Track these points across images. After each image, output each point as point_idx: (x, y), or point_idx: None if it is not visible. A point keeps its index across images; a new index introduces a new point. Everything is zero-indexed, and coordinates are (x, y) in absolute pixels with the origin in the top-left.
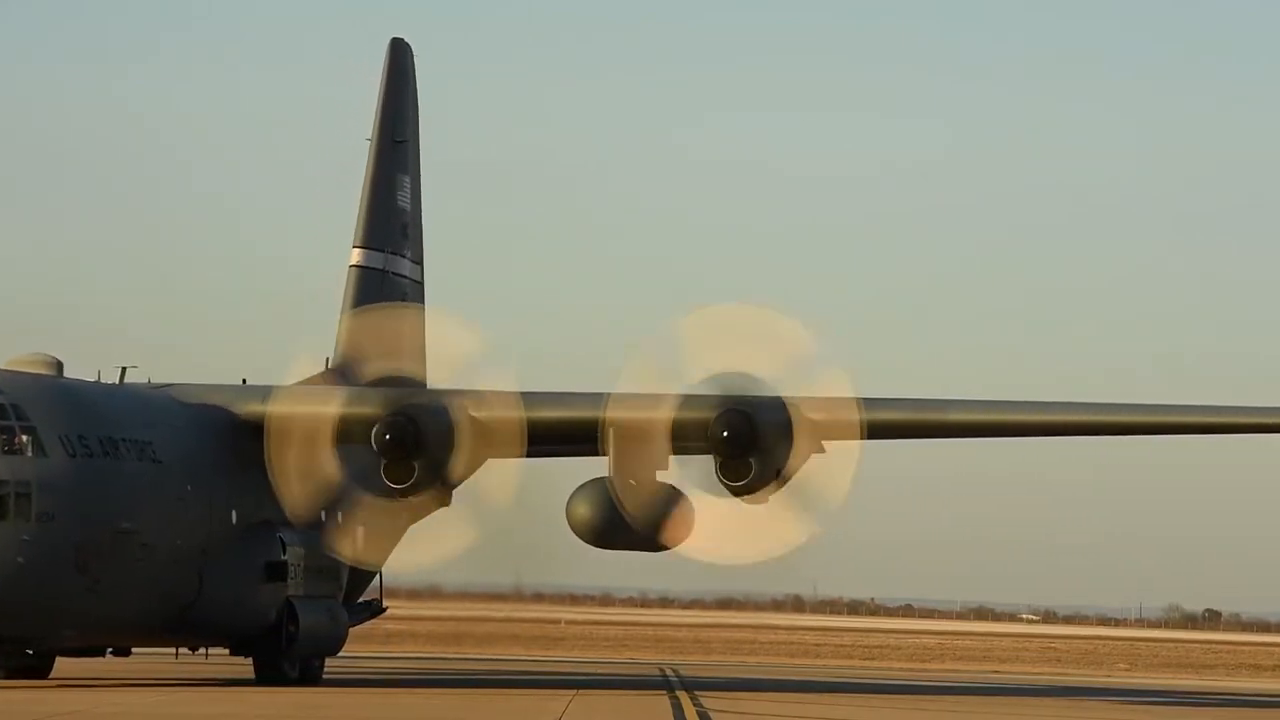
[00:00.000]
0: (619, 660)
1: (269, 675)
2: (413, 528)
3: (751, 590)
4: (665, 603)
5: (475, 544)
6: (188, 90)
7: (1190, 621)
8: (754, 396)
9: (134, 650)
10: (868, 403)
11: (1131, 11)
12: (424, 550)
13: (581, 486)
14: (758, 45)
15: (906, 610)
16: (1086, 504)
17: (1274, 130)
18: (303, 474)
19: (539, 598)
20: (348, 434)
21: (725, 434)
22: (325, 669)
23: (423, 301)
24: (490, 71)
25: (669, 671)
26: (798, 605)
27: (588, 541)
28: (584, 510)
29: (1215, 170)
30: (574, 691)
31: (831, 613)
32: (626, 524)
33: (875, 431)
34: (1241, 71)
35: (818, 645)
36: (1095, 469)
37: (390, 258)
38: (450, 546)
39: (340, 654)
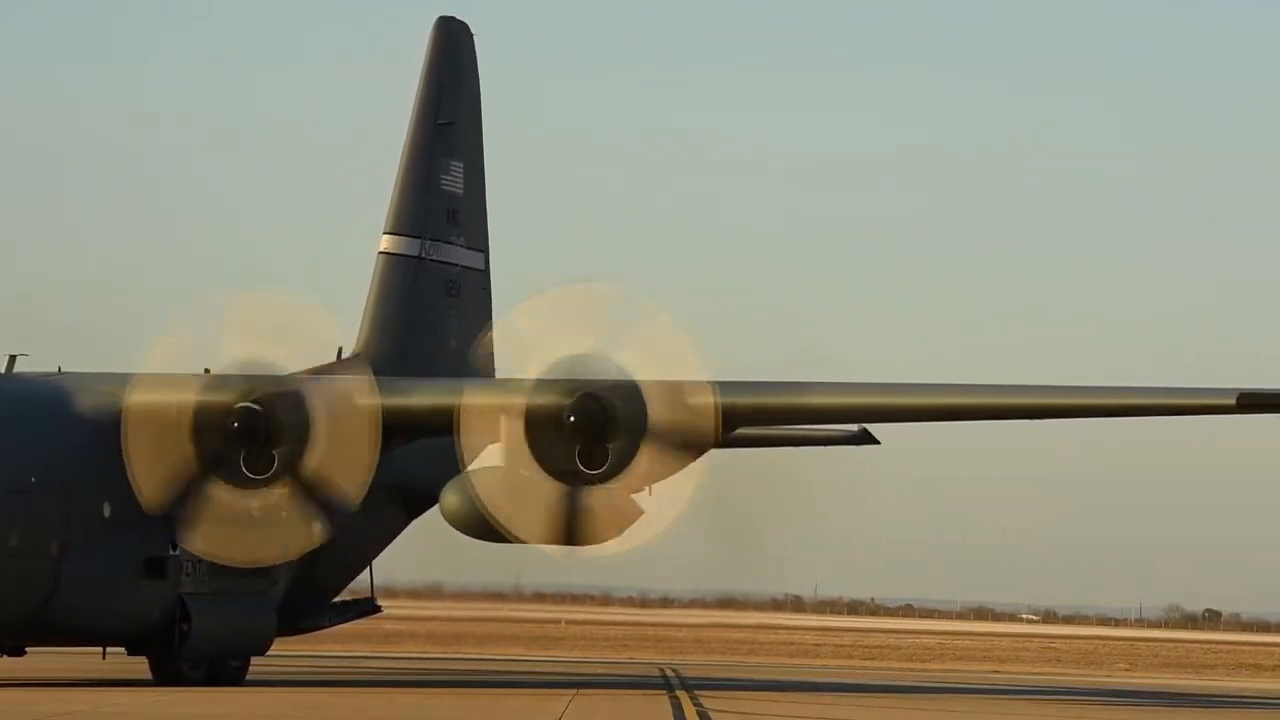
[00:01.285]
0: (619, 660)
1: (167, 676)
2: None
3: (751, 591)
4: (665, 603)
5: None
6: (194, 80)
7: (1190, 621)
8: (608, 381)
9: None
10: (723, 386)
11: (1131, 11)
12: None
13: (455, 479)
14: (758, 45)
15: (906, 610)
16: (1086, 503)
17: (1274, 130)
18: (158, 464)
19: (539, 598)
20: (206, 423)
21: (579, 420)
22: (251, 669)
23: (488, 289)
24: (488, 70)
25: (669, 671)
26: (798, 605)
27: (463, 533)
28: (450, 501)
29: (1215, 170)
30: (574, 691)
31: (831, 613)
32: (484, 519)
33: (732, 416)
34: (1241, 71)
35: (818, 645)
36: (1095, 468)
37: (431, 244)
38: None
39: (349, 654)
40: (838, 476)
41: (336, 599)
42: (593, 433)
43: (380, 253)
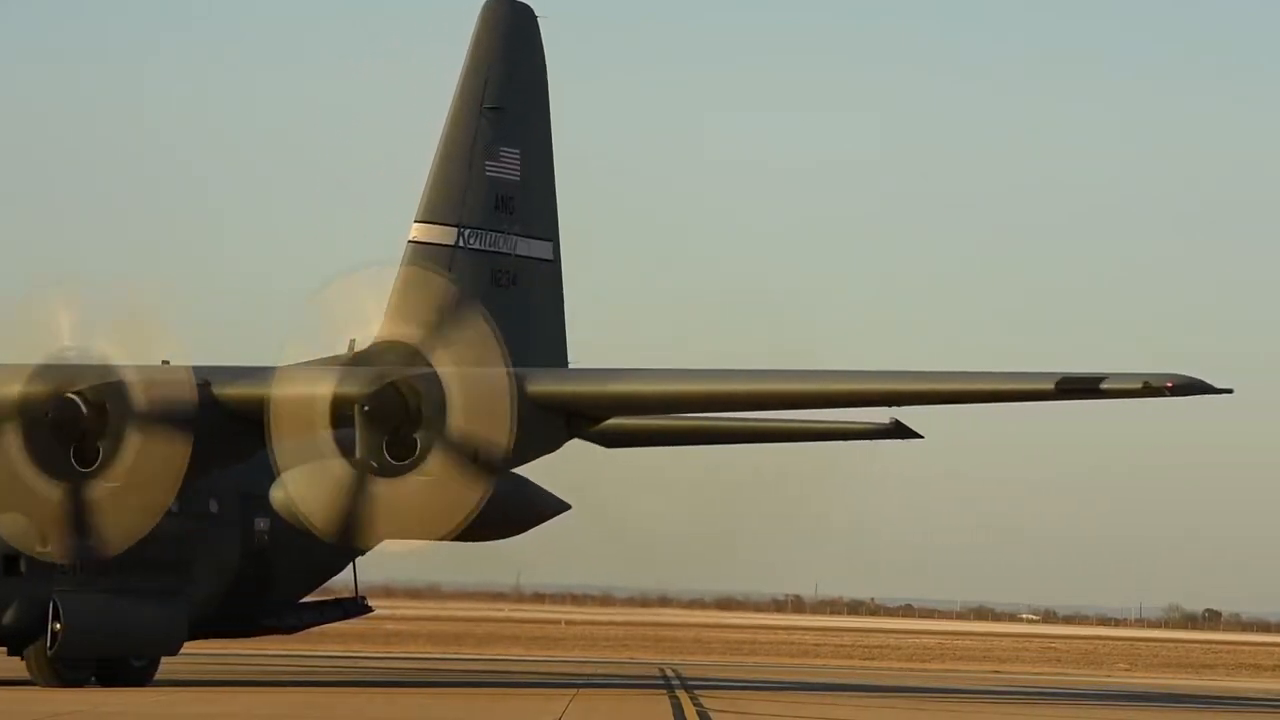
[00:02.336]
0: (619, 660)
1: (45, 678)
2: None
3: (751, 591)
4: (665, 603)
5: None
6: (200, 75)
7: (1190, 621)
8: (408, 370)
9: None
10: (520, 374)
11: (1131, 11)
12: None
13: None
14: (758, 45)
15: (906, 610)
16: (1086, 504)
17: (1274, 130)
18: None
19: (539, 598)
20: (28, 415)
21: (378, 411)
22: (159, 670)
23: (558, 279)
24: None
25: (669, 671)
26: (798, 605)
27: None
28: (277, 498)
29: (1215, 170)
30: (574, 691)
31: (831, 613)
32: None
33: (534, 403)
34: (1241, 72)
35: (818, 645)
36: (1095, 468)
37: (472, 232)
38: None
39: (349, 654)
40: (829, 475)
41: (316, 598)
42: (394, 423)
43: (410, 242)
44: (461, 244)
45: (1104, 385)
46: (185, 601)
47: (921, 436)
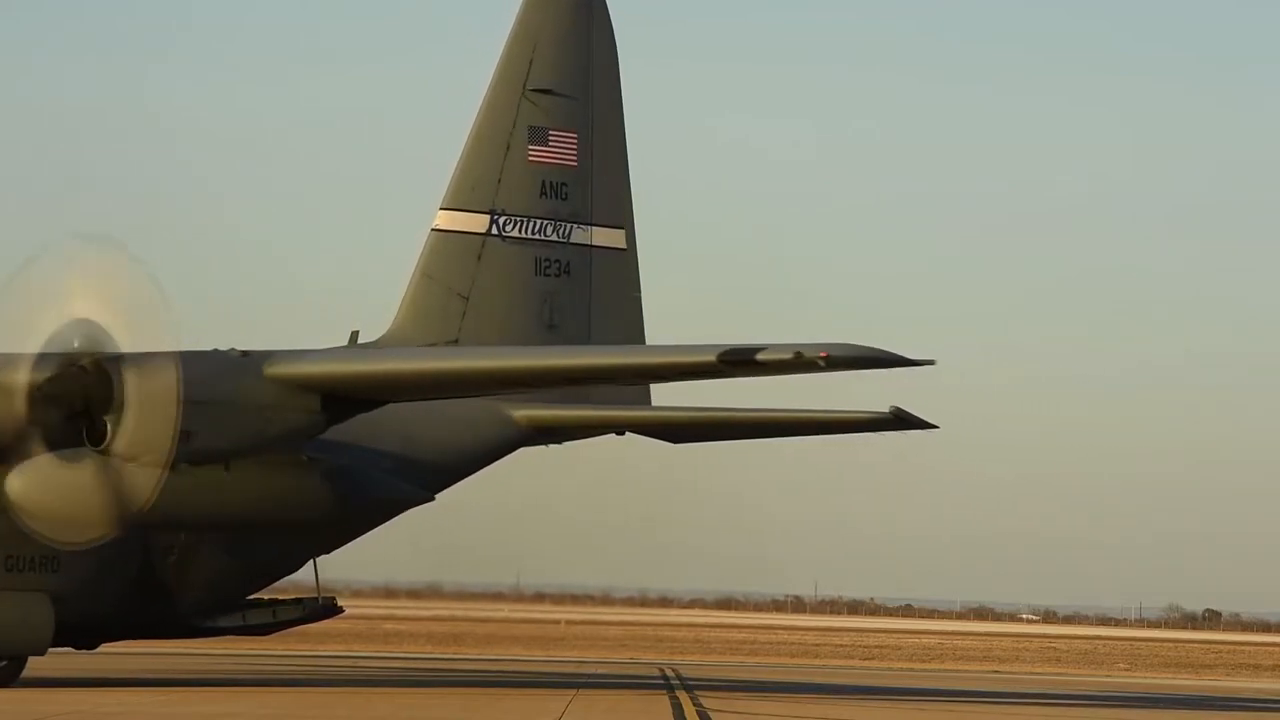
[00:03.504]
0: (619, 660)
1: None
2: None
3: (751, 591)
4: (665, 603)
5: None
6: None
7: (1190, 621)
8: (93, 351)
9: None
10: (259, 355)
11: (1131, 11)
12: None
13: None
14: (758, 45)
15: (906, 610)
16: (1087, 504)
17: (1274, 130)
18: None
19: (539, 598)
20: None
21: (62, 393)
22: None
23: (633, 267)
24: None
25: (669, 671)
26: (798, 605)
27: None
28: (4, 491)
29: (1215, 170)
30: (574, 691)
31: (831, 613)
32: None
33: (274, 385)
34: (1242, 71)
35: (818, 645)
36: (1095, 467)
37: (512, 220)
38: None
39: (349, 654)
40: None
41: (271, 598)
42: (82, 407)
43: (433, 230)
44: (495, 232)
45: (759, 357)
46: (48, 599)
47: (936, 426)
